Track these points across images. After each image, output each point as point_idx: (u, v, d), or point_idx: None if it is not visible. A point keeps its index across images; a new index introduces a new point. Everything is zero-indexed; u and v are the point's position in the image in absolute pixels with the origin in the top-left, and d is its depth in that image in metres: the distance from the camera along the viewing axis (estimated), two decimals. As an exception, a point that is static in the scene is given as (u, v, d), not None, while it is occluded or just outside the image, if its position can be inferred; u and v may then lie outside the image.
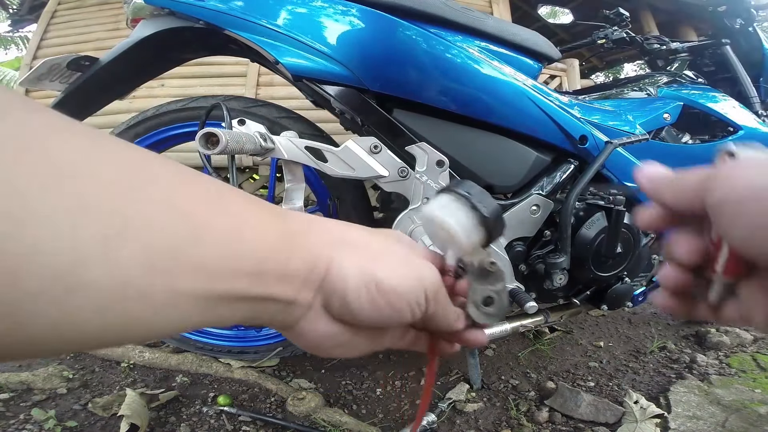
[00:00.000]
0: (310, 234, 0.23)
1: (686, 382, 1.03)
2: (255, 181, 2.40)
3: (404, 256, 0.26)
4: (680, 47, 1.25)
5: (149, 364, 1.06)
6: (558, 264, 0.83)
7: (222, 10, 0.72)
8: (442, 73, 0.76)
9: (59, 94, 0.81)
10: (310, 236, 0.23)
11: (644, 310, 1.53)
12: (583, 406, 0.92)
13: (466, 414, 0.93)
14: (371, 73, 0.74)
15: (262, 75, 2.37)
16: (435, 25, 0.78)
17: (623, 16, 1.29)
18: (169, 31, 0.76)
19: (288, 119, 0.89)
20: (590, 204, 0.88)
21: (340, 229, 0.26)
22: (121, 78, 0.85)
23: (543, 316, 0.97)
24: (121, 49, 0.77)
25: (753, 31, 1.23)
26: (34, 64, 1.25)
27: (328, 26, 0.73)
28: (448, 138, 0.80)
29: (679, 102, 1.01)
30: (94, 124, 1.02)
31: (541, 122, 0.83)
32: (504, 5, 2.83)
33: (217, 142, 0.58)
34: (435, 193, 0.32)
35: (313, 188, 0.96)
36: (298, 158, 0.73)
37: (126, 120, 0.91)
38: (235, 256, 0.19)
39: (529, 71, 0.87)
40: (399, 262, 0.25)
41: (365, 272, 0.23)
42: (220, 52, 0.90)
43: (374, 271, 0.23)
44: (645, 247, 0.97)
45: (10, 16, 4.61)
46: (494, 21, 0.86)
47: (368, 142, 0.73)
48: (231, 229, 0.19)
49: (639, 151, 0.93)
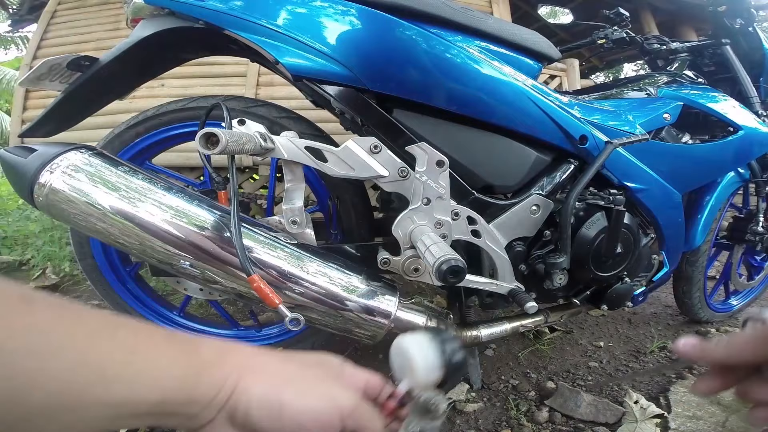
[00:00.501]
0: (223, 363, 0.27)
1: (686, 382, 1.03)
2: (255, 181, 2.40)
3: (318, 382, 0.30)
4: (680, 47, 1.25)
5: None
6: (558, 264, 0.83)
7: (222, 10, 0.72)
8: (442, 73, 0.76)
9: (59, 94, 0.80)
10: (222, 365, 0.27)
11: (644, 310, 1.53)
12: (583, 406, 0.92)
13: (466, 414, 0.93)
14: (371, 72, 0.74)
15: (262, 75, 2.37)
16: (435, 24, 0.78)
17: (623, 16, 1.29)
18: (169, 31, 0.75)
19: (288, 119, 0.88)
20: (590, 204, 0.88)
21: (255, 355, 0.30)
22: (121, 78, 0.84)
23: (543, 316, 0.97)
24: (121, 49, 0.77)
25: (753, 31, 1.23)
26: (34, 64, 1.25)
27: (328, 26, 0.73)
28: (448, 138, 0.80)
29: (679, 102, 1.01)
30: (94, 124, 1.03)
31: (541, 122, 0.83)
32: (504, 5, 2.83)
33: (217, 142, 0.58)
34: (417, 330, 0.36)
35: (313, 188, 0.96)
36: (298, 158, 0.73)
37: (126, 120, 0.91)
38: (139, 392, 0.23)
39: (529, 71, 0.87)
40: (310, 387, 0.29)
41: (271, 396, 0.27)
42: (220, 52, 0.90)
43: (280, 395, 0.27)
44: (645, 247, 0.97)
45: (10, 16, 4.61)
46: (494, 21, 0.86)
47: (368, 142, 0.73)
48: (139, 372, 0.23)
49: (639, 151, 0.93)
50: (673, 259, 1.07)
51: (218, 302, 1.04)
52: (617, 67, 7.57)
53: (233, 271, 0.68)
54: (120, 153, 0.90)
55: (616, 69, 7.98)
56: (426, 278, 0.78)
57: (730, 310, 1.43)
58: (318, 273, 0.72)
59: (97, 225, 0.65)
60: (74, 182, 0.64)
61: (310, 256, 0.73)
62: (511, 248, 0.85)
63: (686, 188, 1.04)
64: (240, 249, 0.61)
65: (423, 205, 0.75)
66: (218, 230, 0.67)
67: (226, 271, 0.68)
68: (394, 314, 0.75)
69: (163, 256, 0.68)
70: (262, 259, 0.69)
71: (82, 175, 0.64)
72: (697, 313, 1.33)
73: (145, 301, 1.03)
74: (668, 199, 0.98)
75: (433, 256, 0.63)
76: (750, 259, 1.40)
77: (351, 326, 0.75)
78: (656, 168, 0.95)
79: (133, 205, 0.65)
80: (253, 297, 0.70)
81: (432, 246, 0.66)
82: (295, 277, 0.70)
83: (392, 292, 0.77)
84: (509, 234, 0.84)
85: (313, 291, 0.71)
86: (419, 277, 0.78)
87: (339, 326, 0.75)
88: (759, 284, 1.46)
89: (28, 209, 2.69)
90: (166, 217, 0.66)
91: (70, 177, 0.64)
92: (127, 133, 0.90)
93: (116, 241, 0.67)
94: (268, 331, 1.05)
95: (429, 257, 0.64)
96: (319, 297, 0.71)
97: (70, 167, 0.64)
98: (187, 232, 0.66)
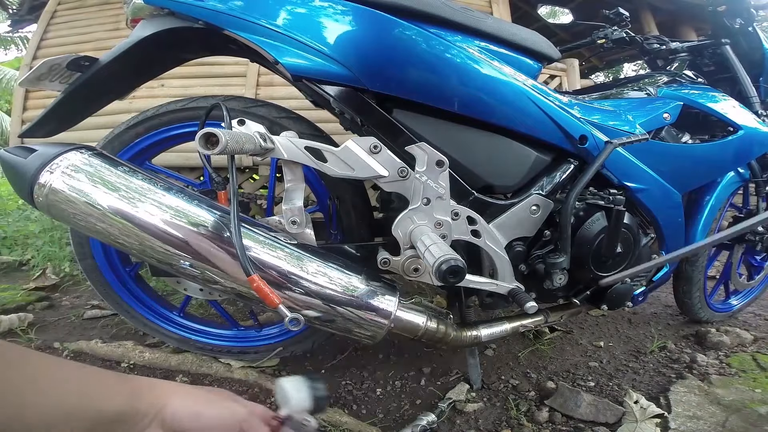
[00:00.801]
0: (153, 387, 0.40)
1: (686, 382, 1.03)
2: (255, 181, 2.40)
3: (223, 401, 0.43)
4: (680, 47, 1.25)
5: (149, 364, 1.06)
6: (558, 264, 0.83)
7: (221, 10, 0.72)
8: (442, 73, 0.76)
9: (59, 94, 0.81)
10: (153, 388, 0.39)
11: (644, 310, 1.53)
12: (583, 406, 0.92)
13: (466, 414, 0.93)
14: (371, 72, 0.74)
15: (261, 75, 2.37)
16: (434, 24, 0.78)
17: (623, 15, 1.29)
18: (169, 31, 0.75)
19: (288, 119, 0.88)
20: (590, 204, 0.88)
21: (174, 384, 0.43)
22: (120, 78, 0.85)
23: (543, 316, 0.97)
24: (121, 49, 0.77)
25: (753, 31, 1.23)
26: (34, 64, 1.25)
27: (327, 26, 0.73)
28: (448, 138, 0.80)
29: (679, 102, 1.01)
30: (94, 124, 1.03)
31: (541, 122, 0.83)
32: (504, 5, 2.83)
33: (216, 143, 0.58)
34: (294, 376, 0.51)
35: (313, 188, 0.96)
36: (297, 158, 0.73)
37: (126, 120, 0.91)
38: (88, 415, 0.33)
39: (528, 71, 0.87)
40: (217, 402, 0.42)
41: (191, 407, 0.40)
42: (220, 52, 0.90)
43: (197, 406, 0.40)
44: (645, 247, 0.97)
45: (10, 16, 4.61)
46: (494, 21, 0.86)
47: (368, 142, 0.73)
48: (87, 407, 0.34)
49: (639, 151, 0.93)
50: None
51: (218, 302, 1.04)
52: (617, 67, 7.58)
53: (233, 272, 0.68)
54: (120, 153, 0.90)
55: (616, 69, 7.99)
56: (426, 278, 0.78)
57: (730, 309, 1.43)
58: (318, 273, 0.72)
59: (97, 225, 0.65)
60: (74, 182, 0.64)
61: (309, 256, 0.73)
62: (511, 248, 0.85)
63: (686, 188, 1.04)
64: (240, 249, 0.61)
65: (423, 205, 0.75)
66: (218, 230, 0.67)
67: (226, 271, 0.68)
68: (394, 314, 0.75)
69: (162, 257, 0.68)
70: (262, 259, 0.69)
71: (82, 176, 0.64)
72: (697, 312, 1.33)
73: (145, 301, 1.03)
74: (668, 199, 0.98)
75: (432, 256, 0.63)
76: (750, 259, 1.40)
77: (351, 326, 0.75)
78: (656, 168, 0.95)
79: (132, 205, 0.65)
80: (253, 297, 0.70)
81: (432, 246, 0.66)
82: (295, 277, 0.70)
83: (392, 292, 0.77)
84: (509, 234, 0.84)
85: (312, 291, 0.71)
86: (419, 277, 0.78)
87: (339, 326, 0.75)
88: (759, 284, 1.46)
89: (27, 209, 2.70)
90: (166, 218, 0.66)
91: (70, 177, 0.64)
92: (126, 134, 0.90)
93: (116, 241, 0.67)
94: (268, 331, 1.05)
95: (429, 257, 0.64)
96: (318, 297, 0.71)
97: (70, 167, 0.64)
98: (187, 233, 0.66)
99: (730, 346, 1.24)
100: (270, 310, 0.94)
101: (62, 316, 1.39)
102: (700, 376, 1.08)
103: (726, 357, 1.18)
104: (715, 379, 1.04)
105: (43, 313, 1.41)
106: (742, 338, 1.27)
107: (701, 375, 1.08)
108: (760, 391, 0.98)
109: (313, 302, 0.71)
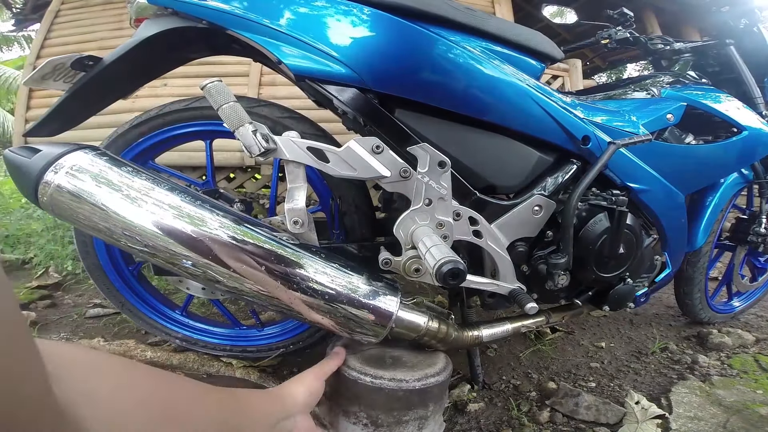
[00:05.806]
0: (282, 388, 0.63)
1: (688, 383, 1.03)
2: (257, 181, 2.40)
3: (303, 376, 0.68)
4: (684, 47, 1.25)
5: (151, 362, 1.06)
6: (560, 265, 0.83)
7: (225, 9, 0.72)
8: (444, 74, 0.76)
9: (63, 93, 0.81)
10: (282, 389, 0.62)
11: (646, 311, 1.53)
12: (584, 407, 0.92)
13: (468, 414, 0.93)
14: (374, 73, 0.74)
15: (264, 75, 2.38)
16: (437, 25, 0.78)
17: (627, 16, 1.29)
18: (173, 30, 0.76)
19: (290, 119, 0.89)
20: (593, 204, 0.88)
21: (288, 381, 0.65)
22: (124, 77, 0.85)
23: (544, 316, 0.97)
24: (125, 48, 0.77)
25: (757, 32, 1.23)
26: (38, 64, 1.26)
27: (330, 26, 0.73)
28: (451, 138, 0.80)
29: (683, 102, 1.01)
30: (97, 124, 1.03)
31: (544, 122, 0.83)
32: (506, 5, 2.83)
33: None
34: None
35: (315, 188, 0.96)
36: (300, 158, 0.73)
37: (129, 119, 0.91)
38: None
39: (531, 71, 0.86)
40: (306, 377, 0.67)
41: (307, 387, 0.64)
42: (223, 51, 0.90)
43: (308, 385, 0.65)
44: (647, 248, 0.97)
45: (14, 15, 4.62)
46: (497, 21, 0.86)
47: (370, 143, 0.73)
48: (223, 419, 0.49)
49: (642, 152, 0.93)
50: (676, 260, 1.07)
51: (220, 301, 1.05)
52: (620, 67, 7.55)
53: (235, 271, 0.69)
54: (123, 153, 0.90)
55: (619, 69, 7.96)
56: (427, 278, 0.78)
57: (732, 311, 1.43)
58: (320, 273, 0.72)
59: (100, 224, 0.66)
60: (78, 182, 0.64)
61: (311, 255, 0.73)
62: (513, 249, 0.85)
63: (689, 189, 1.04)
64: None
65: (425, 205, 0.75)
66: (220, 230, 0.68)
67: (228, 271, 0.69)
68: (395, 314, 0.75)
69: (165, 256, 0.68)
70: (264, 259, 0.69)
71: (86, 175, 0.65)
72: (698, 314, 1.33)
73: (147, 300, 1.04)
74: (671, 200, 0.98)
75: (433, 258, 0.63)
76: (753, 261, 1.40)
77: (353, 326, 0.75)
78: (659, 169, 0.95)
79: (136, 204, 0.65)
80: (254, 296, 0.70)
81: (432, 248, 0.66)
82: (297, 276, 0.71)
83: (394, 292, 0.77)
84: (511, 234, 0.84)
85: (314, 290, 0.71)
86: (420, 278, 0.78)
87: (340, 326, 0.75)
88: (762, 286, 1.46)
89: (30, 208, 2.71)
90: (169, 217, 0.66)
91: (74, 177, 0.64)
92: (130, 133, 0.90)
93: (119, 240, 0.67)
94: (269, 330, 1.06)
95: (429, 259, 0.64)
96: (320, 296, 0.71)
97: (74, 167, 0.65)
98: (190, 232, 0.67)
99: (731, 347, 1.24)
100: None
101: (64, 314, 1.40)
102: (702, 377, 1.07)
103: (727, 358, 1.18)
104: (717, 380, 1.04)
105: (45, 312, 1.42)
106: (744, 339, 1.26)
107: (702, 376, 1.08)
108: (762, 392, 0.98)
109: (314, 302, 0.72)
